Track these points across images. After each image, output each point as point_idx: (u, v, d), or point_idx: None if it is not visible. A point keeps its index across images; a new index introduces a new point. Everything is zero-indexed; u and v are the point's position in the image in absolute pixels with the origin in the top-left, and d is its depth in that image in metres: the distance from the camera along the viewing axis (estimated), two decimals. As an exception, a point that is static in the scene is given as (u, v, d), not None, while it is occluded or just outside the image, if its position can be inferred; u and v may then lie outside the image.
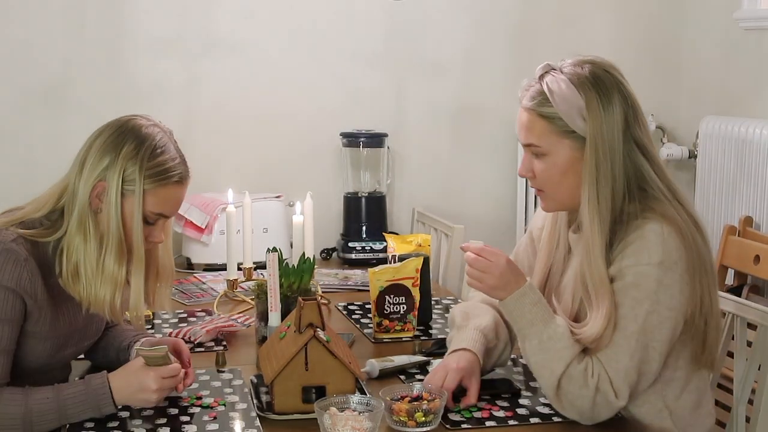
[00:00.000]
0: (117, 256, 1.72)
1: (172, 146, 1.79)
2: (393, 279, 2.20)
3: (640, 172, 1.70)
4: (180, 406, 1.76)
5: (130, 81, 3.25)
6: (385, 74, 3.47)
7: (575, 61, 1.76)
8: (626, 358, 1.63)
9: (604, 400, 1.63)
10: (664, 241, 1.63)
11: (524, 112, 1.74)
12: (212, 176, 3.29)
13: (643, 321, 1.63)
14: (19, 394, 1.65)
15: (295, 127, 3.40)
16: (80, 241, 1.72)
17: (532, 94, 1.73)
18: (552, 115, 1.69)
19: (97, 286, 1.72)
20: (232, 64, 3.33)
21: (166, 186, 1.75)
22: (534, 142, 1.72)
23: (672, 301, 1.64)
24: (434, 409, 1.64)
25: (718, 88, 3.52)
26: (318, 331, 1.71)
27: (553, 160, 1.71)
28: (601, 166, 1.66)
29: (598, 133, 1.67)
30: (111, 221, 1.72)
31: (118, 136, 1.74)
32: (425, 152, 3.54)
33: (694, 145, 3.53)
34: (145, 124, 1.77)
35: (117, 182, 1.71)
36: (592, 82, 1.71)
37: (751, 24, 3.31)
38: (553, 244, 1.86)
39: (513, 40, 3.57)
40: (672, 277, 1.63)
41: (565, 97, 1.68)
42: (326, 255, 3.30)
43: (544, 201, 1.80)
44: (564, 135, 1.70)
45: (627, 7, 3.64)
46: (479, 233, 3.18)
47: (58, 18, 3.18)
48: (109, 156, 1.72)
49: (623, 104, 1.70)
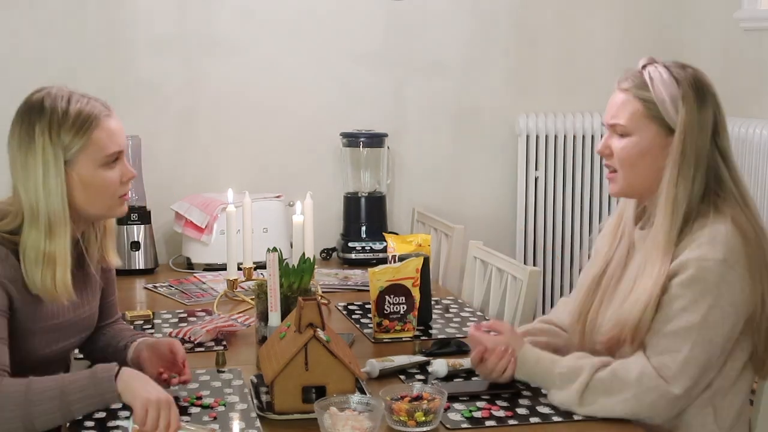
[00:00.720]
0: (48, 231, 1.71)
1: (76, 95, 1.79)
2: (393, 279, 2.20)
3: (719, 175, 1.75)
4: (180, 406, 1.76)
5: (130, 81, 3.25)
6: (385, 74, 3.47)
7: (677, 63, 1.82)
8: (686, 349, 1.64)
9: (657, 397, 1.64)
10: (728, 239, 1.66)
11: (620, 92, 1.81)
12: (212, 176, 3.29)
13: (705, 314, 1.64)
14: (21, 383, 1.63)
15: (295, 127, 3.40)
16: (35, 236, 1.71)
17: (632, 78, 1.80)
18: (647, 98, 1.76)
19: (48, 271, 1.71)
20: (232, 63, 3.33)
21: (98, 127, 1.76)
22: (622, 121, 1.78)
23: (734, 297, 1.66)
24: (434, 408, 1.64)
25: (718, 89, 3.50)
26: (318, 331, 1.71)
27: (636, 141, 1.77)
28: (686, 157, 1.72)
29: (689, 127, 1.72)
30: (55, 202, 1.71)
31: (26, 123, 1.74)
32: (425, 152, 3.54)
33: (694, 145, 3.53)
34: (40, 95, 1.77)
35: (54, 162, 1.71)
36: (692, 81, 1.77)
37: (751, 24, 3.31)
38: (616, 237, 1.89)
39: (513, 40, 3.57)
40: (734, 275, 1.65)
41: (666, 85, 1.75)
42: (326, 255, 3.30)
43: (614, 183, 1.83)
44: (653, 120, 1.75)
45: (627, 7, 3.64)
46: (479, 233, 3.18)
47: (57, 18, 3.18)
48: (30, 145, 1.71)
49: (715, 110, 1.77)
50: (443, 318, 2.44)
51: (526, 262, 3.56)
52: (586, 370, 1.71)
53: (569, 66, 3.62)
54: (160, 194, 3.18)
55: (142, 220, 3.03)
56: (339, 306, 2.55)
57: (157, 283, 2.86)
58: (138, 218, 3.02)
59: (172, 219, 3.19)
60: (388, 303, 2.20)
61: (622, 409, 1.66)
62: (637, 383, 1.65)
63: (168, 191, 3.21)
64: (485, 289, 2.63)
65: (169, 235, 3.26)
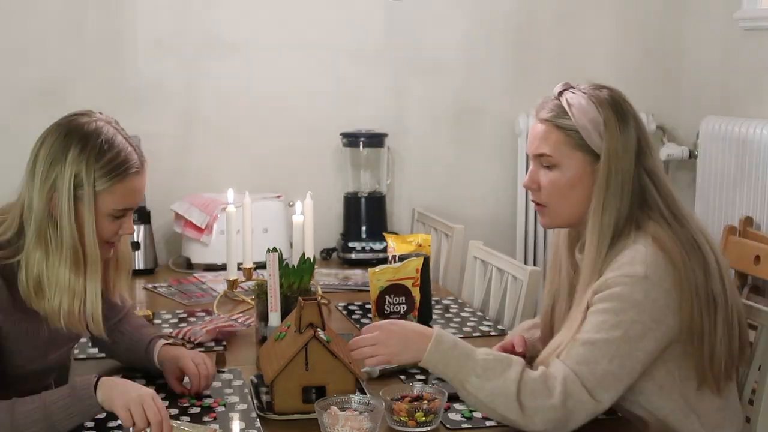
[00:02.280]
0: (72, 264, 1.67)
1: (120, 137, 1.73)
2: (393, 279, 2.20)
3: (645, 195, 1.72)
4: (180, 407, 1.76)
5: (130, 81, 3.25)
6: (385, 74, 3.47)
7: (593, 85, 1.78)
8: (605, 362, 1.60)
9: (578, 404, 1.59)
10: (646, 258, 1.63)
11: (540, 123, 1.78)
12: (212, 176, 3.29)
13: (627, 329, 1.61)
14: (3, 405, 1.59)
15: (295, 127, 3.40)
16: (41, 256, 1.67)
17: (551, 107, 1.76)
18: (569, 127, 1.73)
19: (57, 298, 1.67)
20: (232, 64, 3.33)
21: (123, 181, 1.70)
22: (547, 152, 1.75)
23: (658, 312, 1.62)
24: (434, 409, 1.64)
25: (718, 88, 3.52)
26: (318, 331, 1.71)
27: (563, 173, 1.74)
28: (611, 183, 1.69)
29: (613, 151, 1.70)
30: (64, 230, 1.66)
31: (62, 142, 1.68)
32: (425, 152, 3.54)
33: (694, 145, 3.53)
34: (86, 122, 1.71)
35: (68, 189, 1.66)
36: (611, 103, 1.74)
37: (751, 24, 3.30)
38: (555, 269, 1.87)
39: (513, 40, 3.57)
40: (658, 292, 1.62)
41: (585, 112, 1.72)
42: (326, 255, 3.30)
43: (545, 216, 1.81)
44: (578, 148, 1.73)
45: (627, 7, 3.64)
46: (479, 233, 3.17)
47: (57, 18, 3.18)
48: (57, 164, 1.67)
49: (637, 131, 1.73)
50: (443, 318, 2.44)
51: (526, 262, 3.55)
52: (515, 364, 1.63)
53: (569, 66, 3.62)
54: (160, 194, 3.17)
55: (142, 220, 3.03)
56: (339, 306, 2.55)
57: (157, 283, 2.86)
58: (138, 218, 3.01)
59: (172, 219, 3.18)
60: (388, 303, 2.20)
61: (551, 414, 1.58)
62: (563, 390, 1.59)
63: (168, 191, 3.21)
64: (485, 289, 2.63)
65: (169, 235, 3.26)
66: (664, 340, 1.65)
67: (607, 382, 1.61)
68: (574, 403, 1.59)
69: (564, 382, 1.59)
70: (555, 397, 1.58)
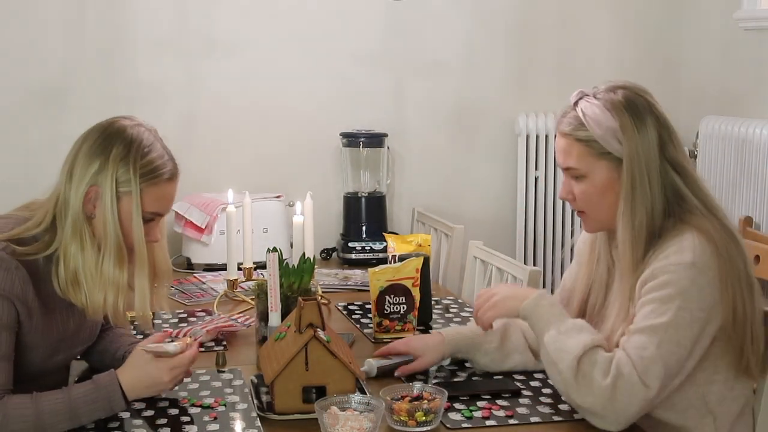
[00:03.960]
0: (117, 259, 1.72)
1: (159, 144, 1.80)
2: (393, 279, 2.20)
3: (676, 189, 1.74)
4: (180, 407, 1.76)
5: (130, 81, 3.26)
6: (385, 74, 3.47)
7: (608, 86, 1.80)
8: (653, 347, 1.63)
9: (628, 385, 1.62)
10: (695, 246, 1.66)
11: (562, 137, 1.81)
12: (212, 176, 3.29)
13: (673, 315, 1.64)
14: (28, 398, 1.64)
15: (295, 127, 3.40)
16: (77, 249, 1.70)
17: (569, 120, 1.79)
18: (588, 138, 1.75)
19: (98, 292, 1.71)
20: (232, 64, 3.33)
21: (158, 184, 1.75)
22: (572, 165, 1.78)
23: (704, 302, 1.65)
24: (434, 408, 1.64)
25: (718, 88, 3.52)
26: (318, 331, 1.71)
27: (592, 181, 1.77)
28: (637, 185, 1.72)
29: (634, 154, 1.72)
30: (108, 225, 1.71)
31: (104, 140, 1.73)
32: (425, 152, 3.54)
33: (694, 145, 3.53)
34: (129, 124, 1.77)
35: (111, 185, 1.70)
36: (626, 105, 1.75)
37: (751, 24, 3.31)
38: (593, 261, 1.90)
39: (513, 40, 3.57)
40: (704, 279, 1.65)
41: (600, 121, 1.74)
42: (326, 255, 3.30)
43: (587, 222, 1.85)
44: (601, 157, 1.75)
45: (627, 7, 3.64)
46: (479, 233, 3.18)
47: (57, 19, 3.18)
48: (98, 160, 1.71)
49: (656, 125, 1.75)
50: (443, 318, 2.44)
51: (526, 262, 3.56)
52: (594, 335, 1.69)
53: (569, 66, 3.62)
54: (160, 194, 3.17)
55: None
56: (339, 306, 2.55)
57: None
58: (138, 218, 3.02)
59: (172, 219, 3.19)
60: (388, 303, 2.20)
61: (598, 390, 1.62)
62: (615, 371, 1.63)
63: (168, 191, 3.21)
64: (485, 289, 2.63)
65: (169, 235, 3.23)
66: (710, 329, 1.67)
67: (656, 367, 1.63)
68: (624, 384, 1.62)
69: (617, 365, 1.63)
70: (609, 378, 1.63)
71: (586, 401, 1.64)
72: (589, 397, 1.64)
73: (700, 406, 1.72)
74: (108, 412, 1.68)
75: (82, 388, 1.68)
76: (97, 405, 1.66)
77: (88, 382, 1.69)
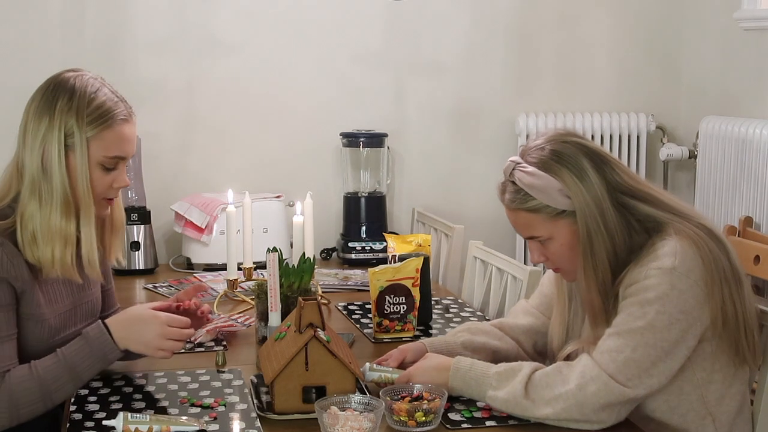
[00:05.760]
0: (63, 211, 1.72)
1: (107, 89, 1.80)
2: (393, 279, 2.20)
3: (640, 213, 1.74)
4: (180, 406, 1.76)
5: (130, 81, 3.25)
6: (385, 74, 3.47)
7: (534, 145, 1.79)
8: (628, 350, 1.63)
9: (599, 387, 1.61)
10: (677, 252, 1.66)
11: (511, 213, 1.83)
12: (212, 176, 3.30)
13: (651, 319, 1.63)
14: (26, 368, 1.67)
15: (295, 127, 3.40)
16: (35, 208, 1.72)
17: (512, 196, 1.80)
18: (538, 206, 1.76)
19: (46, 246, 1.72)
20: (232, 64, 3.33)
21: (112, 127, 1.76)
22: (534, 234, 1.79)
23: (685, 304, 1.64)
24: (434, 408, 1.64)
25: (718, 88, 3.52)
26: (318, 331, 1.71)
27: (558, 241, 1.77)
28: (593, 232, 1.72)
29: (584, 204, 1.72)
30: (54, 176, 1.72)
31: (50, 95, 1.75)
32: (425, 152, 3.54)
33: (694, 145, 3.53)
34: (72, 75, 1.78)
35: (59, 138, 1.72)
36: (558, 160, 1.74)
37: (751, 24, 3.31)
38: (563, 299, 1.89)
39: (513, 40, 3.57)
40: (686, 283, 1.64)
41: (542, 187, 1.74)
42: (326, 255, 3.30)
43: (566, 275, 1.85)
44: (557, 217, 1.75)
45: (627, 7, 3.64)
46: (479, 233, 3.18)
47: (57, 18, 3.18)
48: (46, 116, 1.73)
49: (593, 165, 1.74)
50: (443, 318, 2.44)
51: (526, 262, 3.55)
52: (525, 367, 1.70)
53: (569, 66, 3.62)
54: (160, 194, 3.18)
55: (142, 220, 3.03)
56: (339, 306, 2.55)
57: (157, 283, 2.86)
58: (138, 218, 3.02)
59: (172, 219, 3.19)
60: (388, 303, 2.20)
61: (566, 401, 1.62)
62: (580, 375, 1.63)
63: (168, 191, 3.21)
64: (485, 289, 2.63)
65: (169, 235, 3.26)
66: (694, 331, 1.66)
67: (629, 369, 1.63)
68: (595, 386, 1.61)
69: (582, 369, 1.64)
70: (570, 384, 1.63)
71: (557, 414, 1.63)
72: (557, 412, 1.63)
73: (700, 408, 1.72)
74: (105, 362, 1.71)
75: (74, 345, 1.71)
76: (93, 358, 1.69)
77: (79, 338, 1.72)
